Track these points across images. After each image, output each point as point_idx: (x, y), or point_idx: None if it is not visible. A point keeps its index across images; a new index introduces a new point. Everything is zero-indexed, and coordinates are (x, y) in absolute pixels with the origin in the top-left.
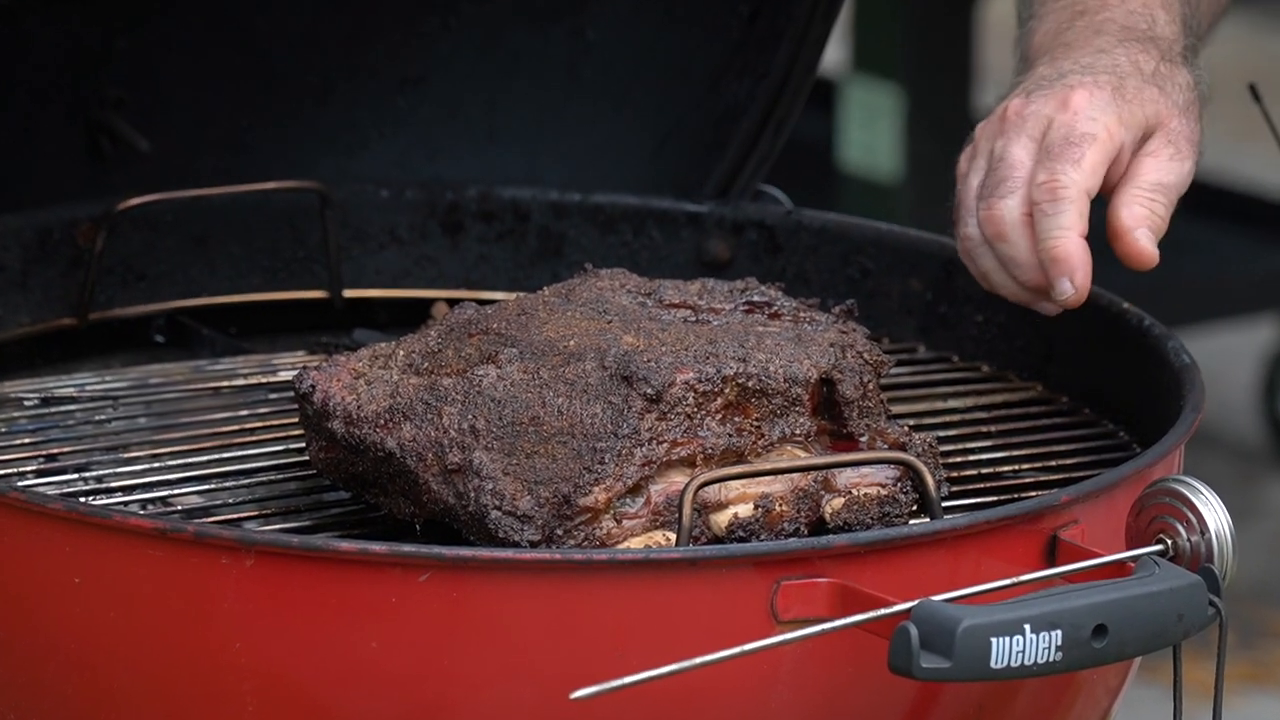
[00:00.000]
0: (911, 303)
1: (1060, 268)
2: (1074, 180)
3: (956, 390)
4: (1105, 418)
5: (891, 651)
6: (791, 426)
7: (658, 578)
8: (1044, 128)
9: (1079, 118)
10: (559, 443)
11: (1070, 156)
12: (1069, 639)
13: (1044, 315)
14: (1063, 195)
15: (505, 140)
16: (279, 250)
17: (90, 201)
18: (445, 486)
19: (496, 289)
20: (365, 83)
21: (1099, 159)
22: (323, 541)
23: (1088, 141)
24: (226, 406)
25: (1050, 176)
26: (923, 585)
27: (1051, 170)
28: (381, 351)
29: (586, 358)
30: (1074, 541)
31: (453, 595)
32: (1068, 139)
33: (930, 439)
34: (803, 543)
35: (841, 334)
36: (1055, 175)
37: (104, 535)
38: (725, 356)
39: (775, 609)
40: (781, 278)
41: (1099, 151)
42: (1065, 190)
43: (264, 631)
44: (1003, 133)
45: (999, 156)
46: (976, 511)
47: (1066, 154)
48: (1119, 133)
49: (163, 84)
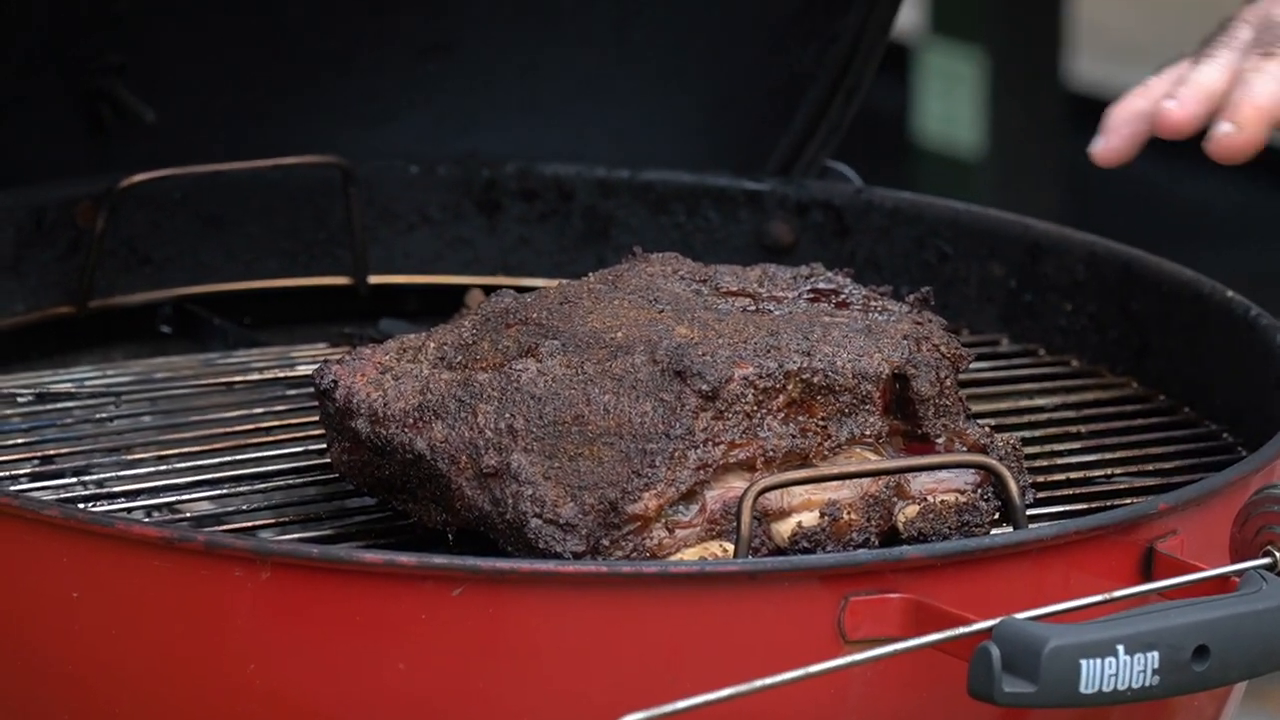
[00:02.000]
0: (993, 290)
1: None
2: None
3: (1043, 387)
4: (1207, 417)
5: (971, 675)
6: (861, 427)
7: (714, 593)
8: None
9: None
10: (605, 444)
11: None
12: (1167, 661)
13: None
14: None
15: (546, 111)
16: (298, 232)
17: (90, 178)
18: (480, 492)
19: (537, 275)
20: (392, 47)
21: None
22: (346, 552)
23: None
24: (240, 404)
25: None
26: (1005, 602)
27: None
28: (410, 344)
29: (635, 351)
30: (1172, 554)
31: (488, 612)
32: None
33: (1014, 440)
34: (873, 555)
35: (916, 325)
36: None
37: (105, 545)
38: (788, 350)
39: (843, 627)
40: (850, 263)
41: None
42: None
43: (281, 652)
44: None
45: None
46: (1065, 521)
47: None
48: None
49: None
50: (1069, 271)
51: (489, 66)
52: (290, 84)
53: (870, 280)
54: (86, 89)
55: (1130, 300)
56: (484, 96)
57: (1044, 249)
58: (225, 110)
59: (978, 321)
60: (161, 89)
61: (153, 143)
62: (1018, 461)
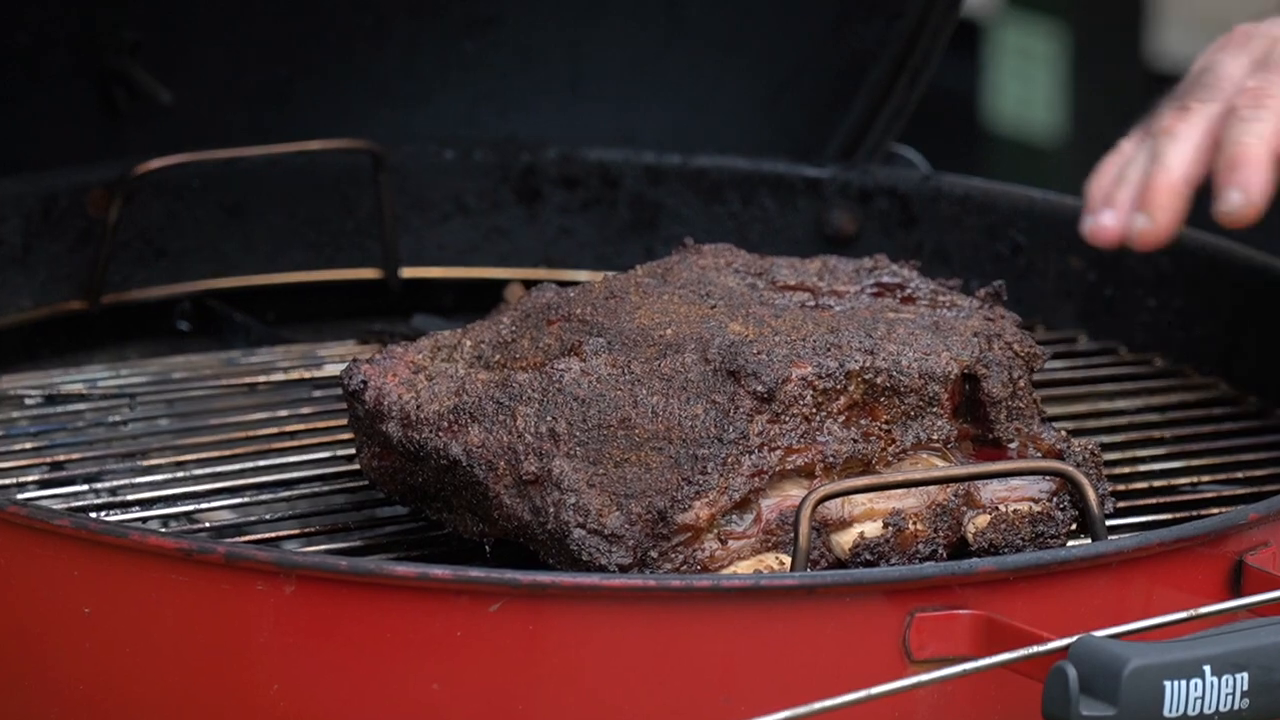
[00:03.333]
0: (1071, 284)
1: (1235, 175)
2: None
3: (1124, 388)
4: None
5: (1046, 696)
6: (927, 431)
7: (770, 608)
8: (1266, 50)
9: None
10: (653, 449)
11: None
12: (1257, 683)
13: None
14: (1268, 104)
15: (591, 92)
16: (325, 222)
17: (103, 164)
18: (520, 500)
19: (580, 268)
20: (427, 23)
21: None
22: (376, 565)
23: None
24: (263, 406)
25: (1260, 85)
26: (1083, 619)
27: (1262, 79)
28: (445, 342)
29: (686, 349)
30: (1263, 568)
31: (529, 628)
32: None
33: (1093, 446)
34: (941, 568)
35: (987, 321)
36: (1264, 84)
37: (119, 558)
38: (849, 348)
39: (908, 645)
40: (917, 255)
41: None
42: (1273, 100)
43: (306, 670)
44: (1223, 48)
45: (1208, 65)
46: (1147, 532)
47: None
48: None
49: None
50: (1152, 264)
51: (530, 44)
52: (316, 62)
53: (938, 273)
54: (99, 69)
55: (1218, 294)
56: (525, 76)
57: None
58: (247, 91)
59: (1054, 318)
60: (179, 68)
61: (169, 126)
62: (1096, 468)
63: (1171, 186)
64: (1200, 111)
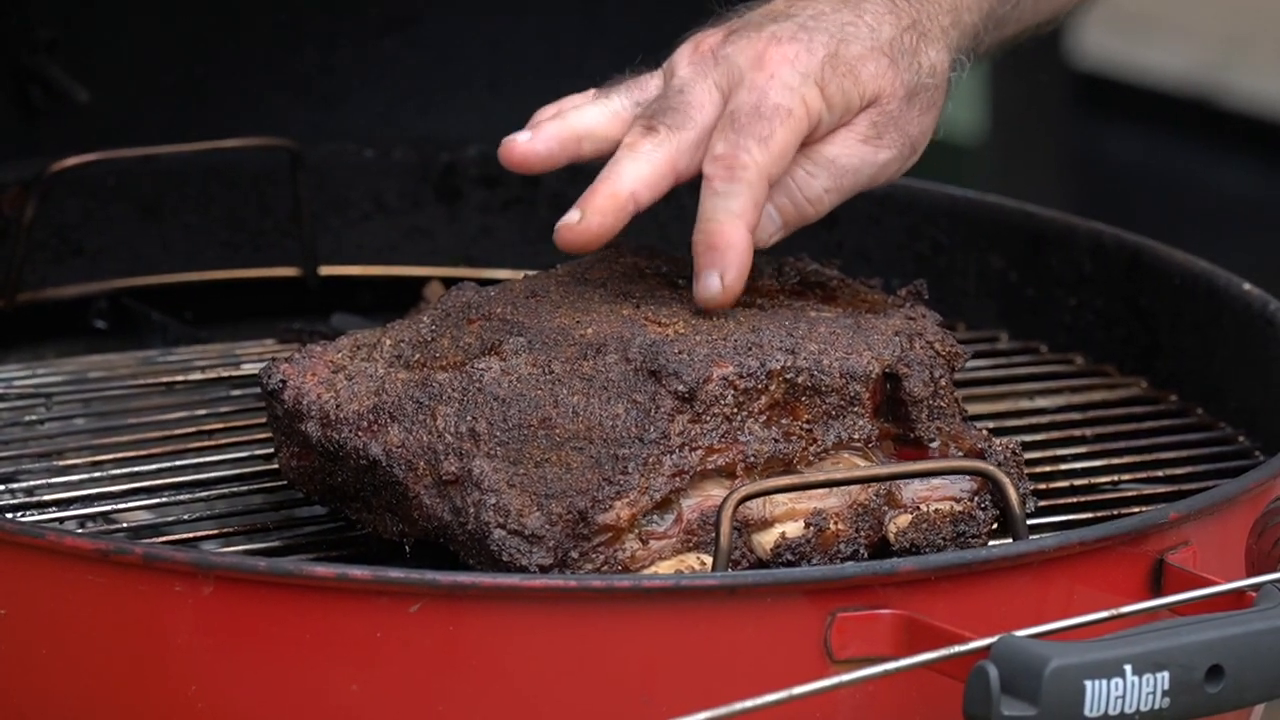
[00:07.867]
0: (992, 283)
1: (714, 258)
2: (756, 161)
3: (1045, 387)
4: (1222, 420)
5: (967, 696)
6: (849, 430)
7: (690, 609)
8: (733, 82)
9: (774, 84)
10: (574, 449)
11: (758, 132)
12: (1178, 682)
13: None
14: (740, 176)
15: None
16: (243, 220)
17: (18, 162)
18: (439, 501)
19: (501, 267)
20: (345, 21)
21: (790, 139)
22: (294, 565)
23: (780, 117)
24: (181, 405)
25: (730, 150)
26: (1004, 618)
27: (734, 144)
28: (364, 341)
29: (607, 349)
30: (1184, 567)
31: (448, 629)
32: (758, 110)
33: (1014, 445)
34: (862, 568)
35: (908, 321)
36: (736, 151)
37: (35, 558)
38: (770, 347)
39: (830, 646)
40: (838, 254)
41: (791, 130)
42: (745, 171)
43: (225, 671)
44: (692, 63)
45: (681, 85)
46: (1068, 531)
47: (754, 128)
48: (818, 108)
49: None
50: (1073, 263)
51: (450, 43)
52: (234, 60)
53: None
54: (14, 67)
55: (1139, 294)
56: (444, 75)
57: (1047, 239)
58: (164, 89)
59: (975, 317)
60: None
61: (86, 124)
62: (1018, 467)
63: (615, 196)
64: (668, 140)
